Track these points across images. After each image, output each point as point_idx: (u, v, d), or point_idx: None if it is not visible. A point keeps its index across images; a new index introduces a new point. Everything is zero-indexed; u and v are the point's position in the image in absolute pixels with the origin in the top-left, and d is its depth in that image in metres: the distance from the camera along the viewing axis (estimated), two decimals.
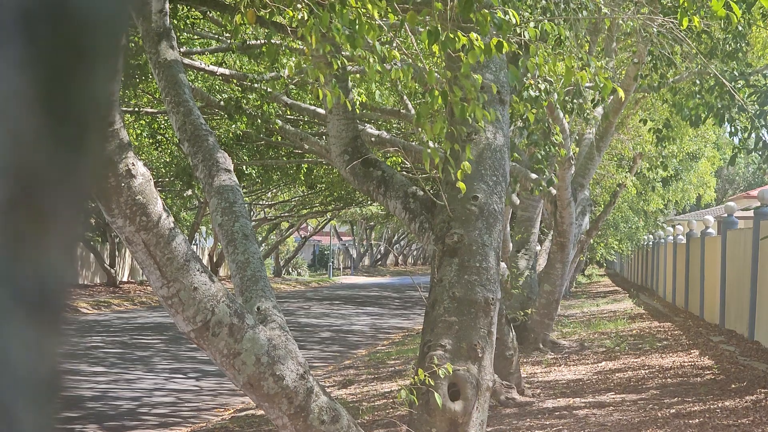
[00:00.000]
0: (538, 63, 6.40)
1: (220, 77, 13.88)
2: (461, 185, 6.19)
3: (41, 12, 0.40)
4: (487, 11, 5.44)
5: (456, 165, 6.30)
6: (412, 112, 11.13)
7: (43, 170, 0.39)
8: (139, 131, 18.42)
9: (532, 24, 6.69)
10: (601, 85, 6.78)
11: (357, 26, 5.53)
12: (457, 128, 6.46)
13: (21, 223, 0.39)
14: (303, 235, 61.33)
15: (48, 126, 0.40)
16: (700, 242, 24.01)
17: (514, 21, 5.70)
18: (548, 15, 8.31)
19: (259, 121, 13.66)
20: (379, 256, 78.41)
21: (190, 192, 24.82)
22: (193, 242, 40.53)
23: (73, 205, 0.43)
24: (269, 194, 36.95)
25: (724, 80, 11.11)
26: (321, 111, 12.46)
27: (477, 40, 5.47)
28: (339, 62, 6.51)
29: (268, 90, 13.34)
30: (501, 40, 5.58)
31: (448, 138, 6.19)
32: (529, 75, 8.57)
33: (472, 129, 6.91)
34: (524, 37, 6.37)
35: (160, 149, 20.90)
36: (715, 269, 21.69)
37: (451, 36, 5.47)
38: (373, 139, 11.98)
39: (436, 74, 5.88)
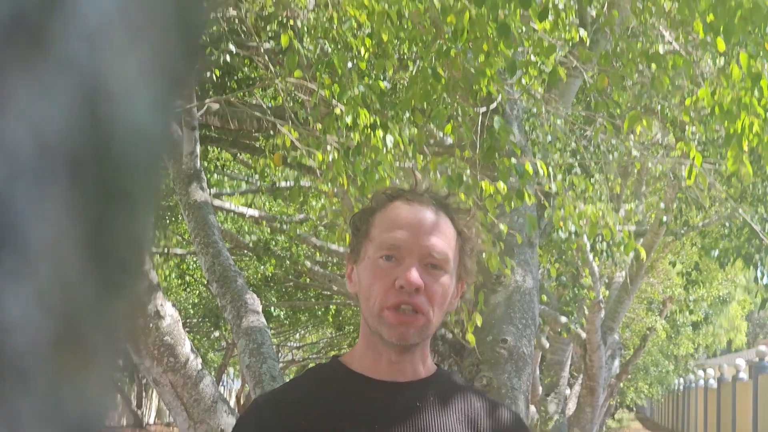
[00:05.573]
0: (564, 216, 6.38)
1: (250, 219, 14.00)
2: (470, 338, 6.13)
3: (87, 156, 0.41)
4: (507, 159, 5.44)
5: (474, 313, 6.26)
6: None
7: (86, 310, 0.40)
8: (167, 272, 18.51)
9: (559, 177, 6.69)
10: (625, 243, 6.73)
11: (367, 175, 5.55)
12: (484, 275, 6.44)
13: (64, 361, 0.39)
14: None
15: (91, 267, 0.42)
16: (731, 387, 23.68)
17: (542, 172, 5.71)
18: (578, 157, 8.34)
19: (287, 262, 13.71)
20: None
21: (217, 333, 24.81)
22: (221, 383, 40.29)
23: (112, 344, 0.43)
24: (297, 336, 36.83)
25: (751, 224, 11.10)
26: None
27: (503, 189, 5.44)
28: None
29: (297, 231, 13.42)
30: (524, 190, 5.57)
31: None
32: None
33: (500, 272, 6.91)
34: (551, 188, 6.36)
35: (188, 290, 20.97)
36: (746, 415, 21.34)
37: (473, 183, 5.48)
38: None
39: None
